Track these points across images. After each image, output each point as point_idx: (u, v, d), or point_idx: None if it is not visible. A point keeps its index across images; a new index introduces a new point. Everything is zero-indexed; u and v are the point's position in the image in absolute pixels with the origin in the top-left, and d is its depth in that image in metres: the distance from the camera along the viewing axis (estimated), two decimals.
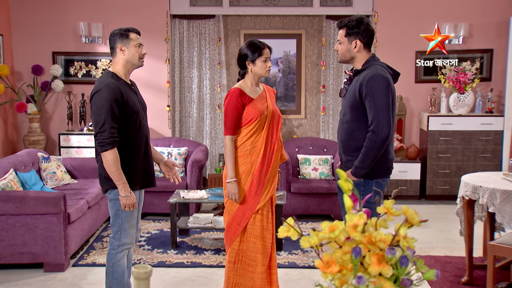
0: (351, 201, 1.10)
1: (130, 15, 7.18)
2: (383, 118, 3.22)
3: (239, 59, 3.69)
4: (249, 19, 7.61)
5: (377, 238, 1.05)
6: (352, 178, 3.40)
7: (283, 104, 7.76)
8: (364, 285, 0.99)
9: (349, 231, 1.06)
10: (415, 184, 7.07)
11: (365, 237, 1.06)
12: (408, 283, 1.03)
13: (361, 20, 3.37)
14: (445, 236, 5.56)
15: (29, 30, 7.25)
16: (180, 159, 6.56)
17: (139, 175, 3.54)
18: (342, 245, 1.07)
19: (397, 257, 1.04)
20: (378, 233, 1.06)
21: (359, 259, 1.04)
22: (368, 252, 1.05)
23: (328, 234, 1.06)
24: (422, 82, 7.36)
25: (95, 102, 3.33)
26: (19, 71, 7.30)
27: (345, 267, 1.04)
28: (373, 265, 1.02)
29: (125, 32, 3.46)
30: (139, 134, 3.51)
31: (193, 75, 7.53)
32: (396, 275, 1.03)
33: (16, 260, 4.51)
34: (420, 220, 1.16)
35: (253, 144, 3.65)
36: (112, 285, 3.59)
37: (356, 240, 1.06)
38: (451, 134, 7.00)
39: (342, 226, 1.07)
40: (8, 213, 4.43)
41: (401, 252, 1.05)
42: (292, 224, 1.12)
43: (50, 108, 7.39)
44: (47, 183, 5.55)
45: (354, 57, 3.42)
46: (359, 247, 1.04)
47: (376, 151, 3.26)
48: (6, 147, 7.02)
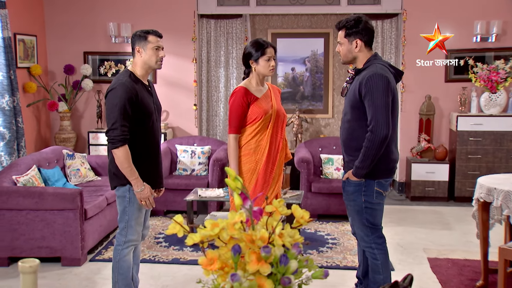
0: (241, 199, 1.09)
1: (158, 15, 7.29)
2: (382, 118, 3.17)
3: (244, 58, 3.71)
4: (277, 18, 7.61)
5: (257, 237, 1.03)
6: (354, 179, 3.36)
7: (311, 103, 7.72)
8: (238, 282, 0.98)
9: (228, 229, 1.05)
10: (443, 186, 6.90)
11: (247, 235, 1.05)
12: (287, 282, 1.01)
13: (359, 19, 3.32)
14: (468, 239, 5.41)
15: (62, 31, 7.46)
16: (204, 158, 6.62)
17: (148, 176, 3.58)
18: (227, 243, 1.06)
19: (277, 256, 1.03)
20: (259, 231, 1.04)
21: (237, 256, 1.03)
22: (248, 250, 1.04)
23: (209, 232, 1.05)
24: (452, 82, 7.18)
25: (110, 100, 3.39)
26: (52, 71, 7.53)
27: (228, 264, 1.03)
28: (252, 263, 1.00)
29: (145, 34, 3.48)
30: (151, 135, 3.55)
31: (220, 74, 7.58)
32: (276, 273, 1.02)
33: (35, 253, 4.65)
34: (308, 219, 1.13)
35: (257, 142, 3.65)
36: (118, 280, 3.66)
37: (238, 238, 1.05)
38: (481, 134, 6.79)
39: (223, 224, 1.06)
40: (28, 208, 4.59)
41: (282, 251, 1.04)
42: (180, 221, 1.12)
43: (80, 106, 7.59)
44: (70, 179, 5.71)
45: (356, 57, 3.39)
46: (238, 245, 1.03)
47: (375, 151, 3.21)
48: (38, 144, 7.25)
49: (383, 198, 3.43)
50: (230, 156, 3.66)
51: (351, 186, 3.40)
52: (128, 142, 3.38)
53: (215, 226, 1.05)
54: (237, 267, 1.02)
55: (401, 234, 5.61)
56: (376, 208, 3.41)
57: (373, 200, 3.38)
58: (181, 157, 6.66)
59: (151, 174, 3.60)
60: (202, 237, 1.08)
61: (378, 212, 3.44)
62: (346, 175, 3.43)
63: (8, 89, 6.18)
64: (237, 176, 1.12)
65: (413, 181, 6.96)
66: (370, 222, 3.42)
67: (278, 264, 1.02)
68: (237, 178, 1.11)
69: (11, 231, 4.60)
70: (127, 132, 3.36)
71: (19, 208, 4.57)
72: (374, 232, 3.44)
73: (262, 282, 0.99)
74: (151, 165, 3.60)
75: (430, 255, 4.95)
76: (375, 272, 3.48)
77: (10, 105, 6.18)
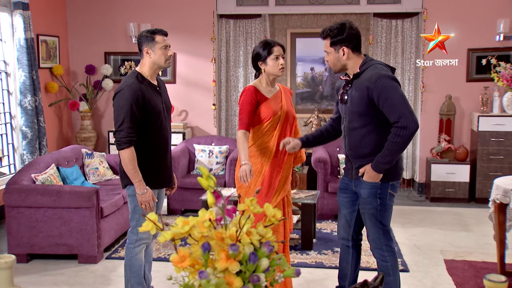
0: (213, 197, 1.10)
1: (178, 15, 7.35)
2: (408, 111, 3.08)
3: (253, 60, 3.65)
4: (296, 18, 7.59)
5: (227, 235, 1.04)
6: (371, 175, 3.26)
7: (329, 103, 7.69)
8: (206, 280, 0.98)
9: (198, 227, 1.05)
10: (463, 187, 6.80)
11: (217, 233, 1.05)
12: (256, 280, 1.01)
13: (342, 26, 3.21)
14: (487, 241, 5.32)
15: (83, 32, 7.58)
16: (221, 157, 6.65)
17: (158, 174, 3.62)
18: (198, 240, 1.07)
19: (246, 254, 1.03)
20: (229, 230, 1.05)
21: (207, 254, 1.04)
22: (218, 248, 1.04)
23: (180, 230, 1.06)
24: (474, 81, 7.06)
25: (117, 102, 3.44)
26: (74, 71, 7.65)
27: (198, 262, 1.04)
28: (221, 261, 1.01)
29: (151, 34, 3.49)
30: (160, 134, 3.58)
31: (239, 74, 7.60)
32: (245, 271, 1.02)
33: (53, 250, 4.74)
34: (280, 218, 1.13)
35: (264, 144, 3.61)
36: (130, 278, 3.71)
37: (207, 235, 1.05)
38: (503, 135, 6.67)
39: (193, 221, 1.06)
40: (45, 206, 4.67)
41: (251, 249, 1.03)
42: (154, 219, 1.13)
43: (101, 106, 7.70)
44: (89, 178, 5.79)
45: (345, 65, 3.27)
46: (208, 242, 1.04)
47: (402, 146, 3.12)
48: (60, 143, 7.37)
49: (393, 200, 3.40)
50: (239, 144, 3.50)
51: (366, 189, 3.31)
52: (137, 142, 3.42)
53: (186, 224, 1.06)
54: (207, 265, 1.03)
55: (418, 236, 5.54)
56: (389, 210, 3.38)
57: (387, 202, 3.34)
58: (198, 157, 6.69)
59: (160, 172, 3.63)
60: (173, 235, 1.09)
61: (390, 214, 3.41)
62: (362, 170, 3.29)
63: (31, 89, 6.30)
64: (210, 175, 1.12)
65: (433, 181, 6.88)
66: (382, 224, 3.38)
67: (247, 262, 1.02)
68: (210, 177, 1.11)
69: (30, 228, 4.70)
70: (134, 133, 3.39)
71: (37, 206, 4.66)
72: (386, 234, 3.40)
73: (232, 280, 0.99)
74: (160, 164, 3.63)
75: (447, 256, 4.88)
76: (386, 274, 3.44)
77: (32, 105, 6.30)
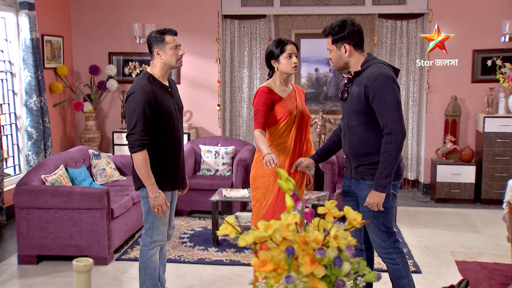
0: (293, 201, 1.08)
1: (182, 16, 7.32)
2: (397, 116, 3.07)
3: (266, 59, 3.64)
4: (300, 18, 7.58)
5: (311, 238, 1.02)
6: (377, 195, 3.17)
7: (334, 104, 7.69)
8: (293, 284, 0.97)
9: (282, 230, 1.04)
10: (469, 188, 6.81)
11: (300, 237, 1.03)
12: (341, 284, 0.99)
13: (343, 24, 3.19)
14: (497, 243, 5.33)
15: (87, 32, 7.54)
16: (227, 158, 6.63)
17: (171, 176, 3.59)
18: (279, 244, 1.05)
19: (331, 258, 1.01)
20: (312, 233, 1.03)
21: (291, 258, 1.02)
22: (302, 252, 1.02)
23: (262, 233, 1.05)
24: (479, 82, 7.08)
25: (129, 104, 3.41)
26: (78, 71, 7.61)
27: (280, 266, 1.02)
28: (306, 265, 0.99)
29: (161, 35, 3.46)
30: (172, 136, 3.56)
31: (244, 75, 7.58)
32: (329, 275, 1.00)
33: (63, 252, 4.70)
34: (361, 221, 1.12)
35: (282, 145, 3.59)
36: (145, 280, 3.68)
37: (290, 239, 1.03)
38: (509, 136, 6.69)
39: (277, 225, 1.05)
40: (56, 207, 4.64)
41: (335, 253, 1.02)
42: (232, 222, 1.12)
43: (105, 106, 7.66)
44: (96, 179, 5.76)
45: (347, 62, 3.24)
46: (292, 246, 1.02)
47: (396, 154, 3.08)
48: (64, 144, 7.33)
49: (396, 200, 3.35)
50: (258, 140, 3.42)
51: (367, 190, 3.24)
52: (150, 144, 3.40)
53: (268, 227, 1.04)
54: (290, 269, 1.01)
55: (427, 237, 5.54)
56: (391, 212, 3.32)
57: (389, 203, 3.28)
58: (205, 157, 6.67)
59: (174, 174, 3.62)
60: (255, 238, 1.08)
61: (392, 215, 3.35)
62: (367, 198, 3.20)
63: (36, 89, 6.26)
64: (289, 178, 1.11)
65: (438, 182, 6.88)
66: (386, 226, 3.31)
67: (332, 266, 1.01)
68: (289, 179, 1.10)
69: (40, 229, 4.66)
70: (146, 136, 3.36)
71: (47, 207, 4.63)
72: (391, 236, 3.32)
73: (316, 284, 0.98)
74: (173, 165, 3.61)
75: (458, 258, 4.88)
76: (398, 277, 3.37)
77: (37, 105, 6.26)
